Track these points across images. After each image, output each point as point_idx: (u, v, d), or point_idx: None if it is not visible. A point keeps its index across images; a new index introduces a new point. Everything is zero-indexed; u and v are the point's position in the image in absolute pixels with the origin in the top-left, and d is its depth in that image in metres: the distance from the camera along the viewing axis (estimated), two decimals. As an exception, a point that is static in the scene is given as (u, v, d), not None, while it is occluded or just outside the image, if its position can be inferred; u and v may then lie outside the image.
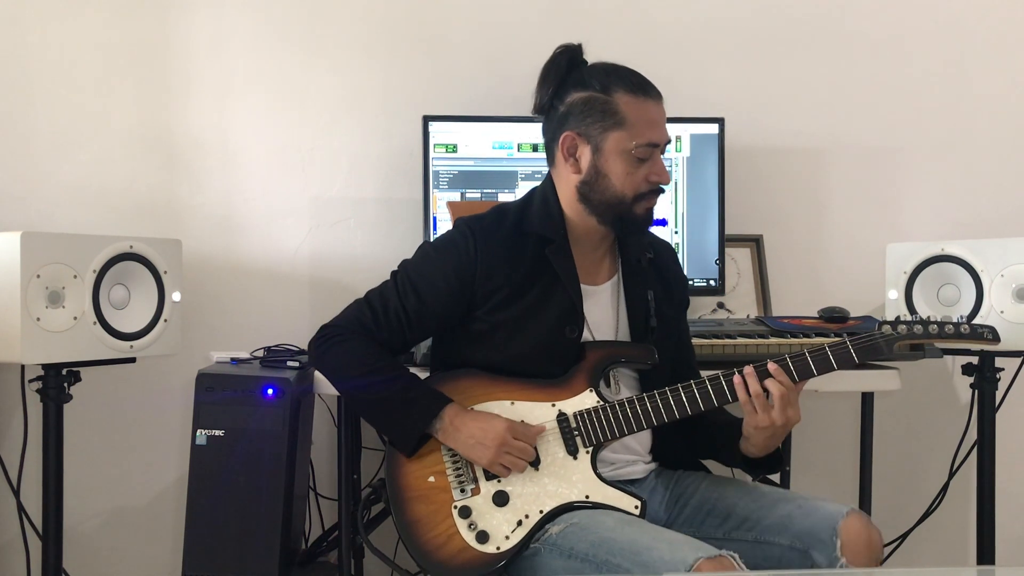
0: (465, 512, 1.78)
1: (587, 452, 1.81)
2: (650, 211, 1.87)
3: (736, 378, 1.78)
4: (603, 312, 1.92)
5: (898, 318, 1.84)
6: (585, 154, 1.84)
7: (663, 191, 1.88)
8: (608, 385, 1.90)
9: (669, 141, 1.87)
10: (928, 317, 1.84)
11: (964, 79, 2.83)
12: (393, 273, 1.93)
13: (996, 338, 1.84)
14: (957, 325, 1.81)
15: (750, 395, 1.76)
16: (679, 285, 2.05)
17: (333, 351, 1.87)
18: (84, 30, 2.63)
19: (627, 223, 1.86)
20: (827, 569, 1.68)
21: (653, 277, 1.97)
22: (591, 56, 1.92)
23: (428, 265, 1.89)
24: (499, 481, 1.80)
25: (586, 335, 1.88)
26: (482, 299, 1.84)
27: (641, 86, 1.82)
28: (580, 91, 1.83)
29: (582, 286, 1.88)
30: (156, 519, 2.68)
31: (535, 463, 1.81)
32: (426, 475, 1.82)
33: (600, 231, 1.89)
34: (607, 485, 1.79)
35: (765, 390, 1.76)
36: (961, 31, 2.83)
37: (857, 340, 1.79)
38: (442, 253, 1.89)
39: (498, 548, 1.75)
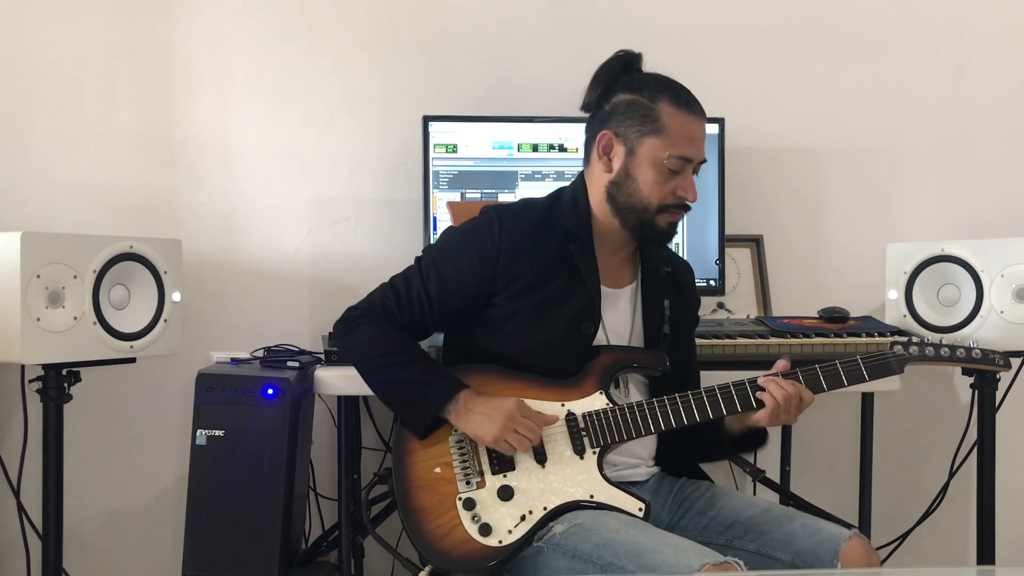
0: (469, 504, 1.78)
1: (594, 453, 1.82)
2: (673, 226, 1.88)
3: (764, 394, 1.80)
4: (620, 315, 1.93)
5: (910, 338, 1.88)
6: (619, 155, 1.85)
7: (689, 208, 1.89)
8: (617, 388, 1.90)
9: (705, 161, 1.88)
10: (941, 340, 1.90)
11: (964, 79, 2.83)
12: (417, 258, 1.94)
13: (1007, 365, 1.89)
14: (969, 350, 1.86)
15: (778, 401, 1.79)
16: (693, 303, 2.08)
17: (355, 332, 1.90)
18: (84, 30, 2.63)
19: (647, 232, 1.87)
20: (827, 570, 1.69)
21: (670, 289, 1.99)
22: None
23: (452, 248, 1.91)
24: (505, 476, 1.80)
25: (600, 335, 1.90)
26: (503, 285, 1.85)
27: (687, 101, 1.85)
28: (627, 94, 1.86)
29: (602, 287, 1.90)
30: (156, 519, 2.67)
31: (542, 460, 1.81)
32: (432, 465, 1.83)
33: (624, 235, 1.90)
34: (612, 486, 1.79)
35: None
36: (961, 32, 2.83)
37: (869, 359, 1.84)
38: (467, 236, 1.91)
39: (500, 542, 1.76)
